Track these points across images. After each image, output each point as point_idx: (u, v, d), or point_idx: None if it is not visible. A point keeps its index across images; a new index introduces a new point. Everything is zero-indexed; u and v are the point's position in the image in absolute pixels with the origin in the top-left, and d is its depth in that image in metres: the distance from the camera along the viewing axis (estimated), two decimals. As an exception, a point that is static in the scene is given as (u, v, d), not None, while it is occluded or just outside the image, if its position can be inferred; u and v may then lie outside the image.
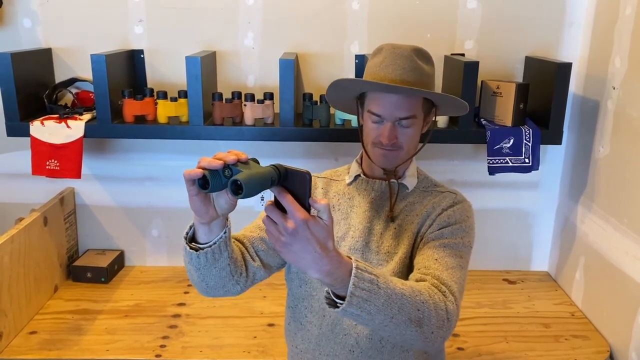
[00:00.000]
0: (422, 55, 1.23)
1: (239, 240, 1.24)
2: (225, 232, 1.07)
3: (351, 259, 0.96)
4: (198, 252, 1.07)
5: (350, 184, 1.33)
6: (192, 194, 0.96)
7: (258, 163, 0.94)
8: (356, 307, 0.95)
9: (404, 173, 1.30)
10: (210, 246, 1.07)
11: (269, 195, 0.92)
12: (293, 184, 0.89)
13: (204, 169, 0.92)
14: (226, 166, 0.91)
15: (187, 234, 1.08)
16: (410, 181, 1.30)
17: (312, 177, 1.35)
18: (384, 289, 0.96)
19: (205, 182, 0.92)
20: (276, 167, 0.89)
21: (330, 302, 0.98)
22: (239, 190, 0.86)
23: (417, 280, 1.12)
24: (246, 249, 1.24)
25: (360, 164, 1.34)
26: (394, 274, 1.21)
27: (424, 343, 1.03)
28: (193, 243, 1.09)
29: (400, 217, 1.26)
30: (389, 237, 1.25)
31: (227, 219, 1.08)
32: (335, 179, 1.37)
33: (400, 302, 0.98)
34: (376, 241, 1.25)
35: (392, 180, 1.28)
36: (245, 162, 0.93)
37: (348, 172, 1.36)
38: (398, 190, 1.28)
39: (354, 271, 0.94)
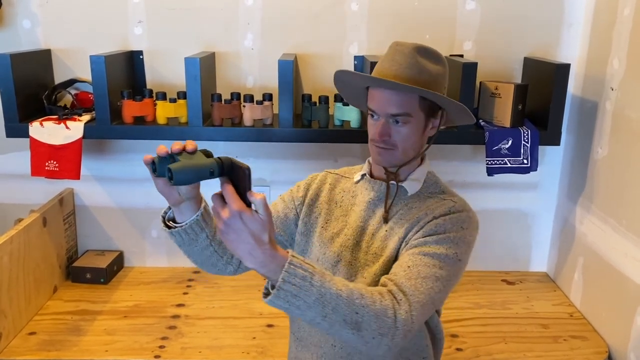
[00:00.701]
0: (427, 53, 1.20)
1: None
2: (198, 215, 1.13)
3: (289, 253, 0.99)
4: (171, 230, 1.15)
5: (357, 182, 1.34)
6: (153, 177, 1.06)
7: (208, 155, 1.01)
8: (283, 300, 0.97)
9: (407, 176, 1.28)
10: (182, 226, 1.14)
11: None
12: (237, 177, 0.95)
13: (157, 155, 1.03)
14: (172, 154, 1.00)
15: (165, 213, 1.17)
16: (411, 185, 1.27)
17: (325, 173, 1.39)
18: (317, 287, 0.98)
19: (155, 167, 1.03)
20: (220, 160, 0.97)
21: (266, 291, 1.00)
22: (171, 177, 0.94)
23: (381, 285, 1.12)
24: None
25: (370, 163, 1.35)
26: (376, 276, 1.20)
27: (365, 347, 1.04)
28: (172, 222, 1.17)
29: (393, 220, 1.25)
30: (380, 238, 1.24)
31: (201, 203, 1.14)
32: (347, 177, 1.38)
33: (335, 303, 0.99)
34: (367, 241, 1.25)
35: (392, 182, 1.27)
36: (192, 152, 1.00)
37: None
38: (396, 192, 1.27)
39: (286, 266, 0.96)
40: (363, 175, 1.34)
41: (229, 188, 0.93)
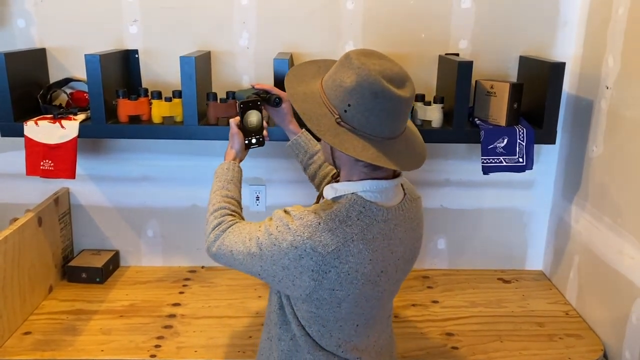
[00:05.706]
0: (348, 64, 1.15)
1: None
2: (290, 141, 1.67)
3: (235, 161, 1.49)
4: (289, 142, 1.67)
5: None
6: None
7: (263, 96, 1.58)
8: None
9: (335, 181, 1.32)
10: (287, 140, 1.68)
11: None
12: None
13: None
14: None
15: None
16: (327, 190, 1.27)
17: None
18: (215, 182, 1.43)
19: None
20: (247, 98, 1.54)
21: None
22: None
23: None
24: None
25: None
26: None
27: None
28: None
29: None
30: None
31: (299, 135, 1.65)
32: None
33: (210, 197, 1.41)
34: None
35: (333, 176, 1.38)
36: (255, 90, 1.59)
37: None
38: (322, 187, 1.42)
39: (223, 163, 1.48)
40: None
41: (237, 118, 1.53)
